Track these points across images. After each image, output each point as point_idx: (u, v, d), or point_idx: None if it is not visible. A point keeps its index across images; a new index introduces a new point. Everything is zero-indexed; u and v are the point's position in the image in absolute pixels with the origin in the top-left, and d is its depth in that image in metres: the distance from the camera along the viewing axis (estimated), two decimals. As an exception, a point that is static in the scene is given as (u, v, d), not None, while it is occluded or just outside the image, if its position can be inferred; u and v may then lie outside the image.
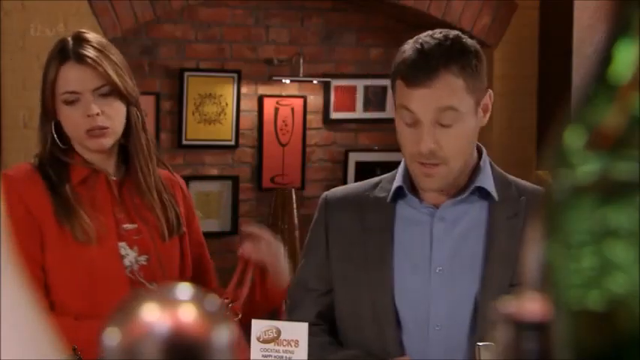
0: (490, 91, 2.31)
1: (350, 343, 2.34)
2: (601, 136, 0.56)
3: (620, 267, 0.55)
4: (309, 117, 6.23)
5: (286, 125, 6.17)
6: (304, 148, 6.22)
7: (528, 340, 0.69)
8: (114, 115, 2.52)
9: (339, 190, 2.48)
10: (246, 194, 6.13)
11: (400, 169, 2.37)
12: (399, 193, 2.34)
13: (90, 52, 2.51)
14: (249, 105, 6.09)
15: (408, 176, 2.33)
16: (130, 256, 2.50)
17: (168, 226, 2.57)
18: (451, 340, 2.23)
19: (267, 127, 6.14)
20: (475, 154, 2.34)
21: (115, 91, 2.52)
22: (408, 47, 2.26)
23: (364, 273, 2.31)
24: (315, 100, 6.24)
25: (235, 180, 6.08)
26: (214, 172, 6.03)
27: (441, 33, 2.28)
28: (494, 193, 2.29)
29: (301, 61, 6.08)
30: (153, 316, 0.68)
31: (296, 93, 6.21)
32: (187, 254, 2.63)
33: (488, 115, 2.31)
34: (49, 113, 2.55)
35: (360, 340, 2.31)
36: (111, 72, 2.51)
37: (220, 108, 6.00)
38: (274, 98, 6.14)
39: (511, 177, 2.37)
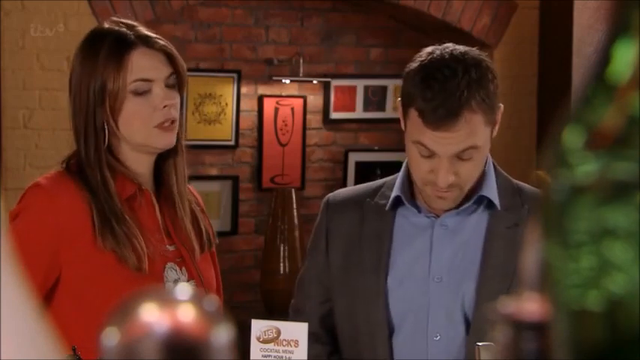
0: (501, 105, 2.23)
1: (346, 354, 2.30)
2: (600, 135, 0.56)
3: (619, 267, 0.55)
4: (309, 117, 6.23)
5: (286, 125, 6.17)
6: (304, 148, 6.22)
7: (528, 340, 0.69)
8: (178, 109, 2.25)
9: (341, 193, 2.39)
10: (246, 194, 6.13)
11: (401, 175, 2.29)
12: (399, 201, 2.27)
13: (158, 39, 2.27)
14: (249, 105, 6.09)
15: (408, 184, 2.27)
16: (181, 280, 2.27)
17: (200, 242, 2.34)
18: (451, 350, 2.19)
19: (267, 127, 6.13)
20: None
21: (178, 82, 2.27)
22: (425, 75, 2.13)
23: (359, 282, 2.25)
24: (315, 100, 6.24)
25: (235, 180, 6.07)
26: (214, 172, 6.03)
27: (454, 55, 2.15)
28: (497, 203, 2.23)
29: (301, 61, 6.08)
30: (152, 316, 0.68)
31: (296, 93, 6.21)
32: (217, 267, 2.42)
33: (497, 127, 2.24)
34: (96, 110, 2.20)
35: (355, 352, 2.27)
36: (180, 59, 2.29)
37: (220, 108, 6.00)
38: (274, 98, 6.14)
39: (516, 182, 2.31)
